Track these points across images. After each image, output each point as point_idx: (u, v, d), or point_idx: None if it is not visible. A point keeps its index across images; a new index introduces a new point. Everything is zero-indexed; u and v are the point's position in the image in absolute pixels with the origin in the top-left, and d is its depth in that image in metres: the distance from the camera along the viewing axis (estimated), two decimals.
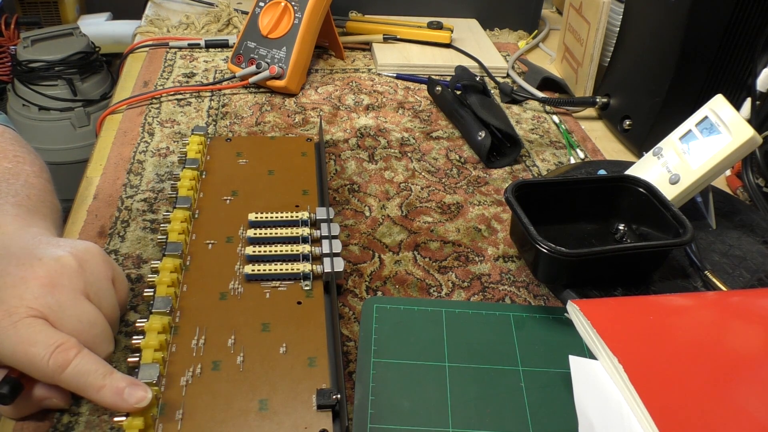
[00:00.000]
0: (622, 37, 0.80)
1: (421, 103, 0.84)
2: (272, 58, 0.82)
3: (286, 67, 0.81)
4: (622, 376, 0.43)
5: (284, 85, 0.81)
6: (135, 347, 0.43)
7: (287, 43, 0.82)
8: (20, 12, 2.07)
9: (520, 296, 0.55)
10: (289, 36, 0.82)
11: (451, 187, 0.68)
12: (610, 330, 0.46)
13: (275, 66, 0.81)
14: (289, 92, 0.83)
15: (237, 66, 0.84)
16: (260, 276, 0.50)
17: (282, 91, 0.83)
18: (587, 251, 0.51)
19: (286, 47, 0.81)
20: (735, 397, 0.42)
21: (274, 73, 0.80)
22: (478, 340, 0.49)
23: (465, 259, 0.58)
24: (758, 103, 0.68)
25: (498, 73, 0.93)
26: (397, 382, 0.46)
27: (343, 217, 0.63)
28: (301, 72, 0.83)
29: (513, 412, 0.44)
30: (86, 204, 0.61)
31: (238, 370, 0.44)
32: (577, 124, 0.82)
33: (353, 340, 0.50)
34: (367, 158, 0.72)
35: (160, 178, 0.65)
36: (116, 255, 0.55)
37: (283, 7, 0.82)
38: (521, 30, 1.07)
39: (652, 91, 0.73)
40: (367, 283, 0.55)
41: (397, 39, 0.97)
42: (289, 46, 0.81)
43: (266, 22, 0.83)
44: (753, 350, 0.46)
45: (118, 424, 0.39)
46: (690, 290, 0.55)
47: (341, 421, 0.41)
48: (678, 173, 0.59)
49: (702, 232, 0.61)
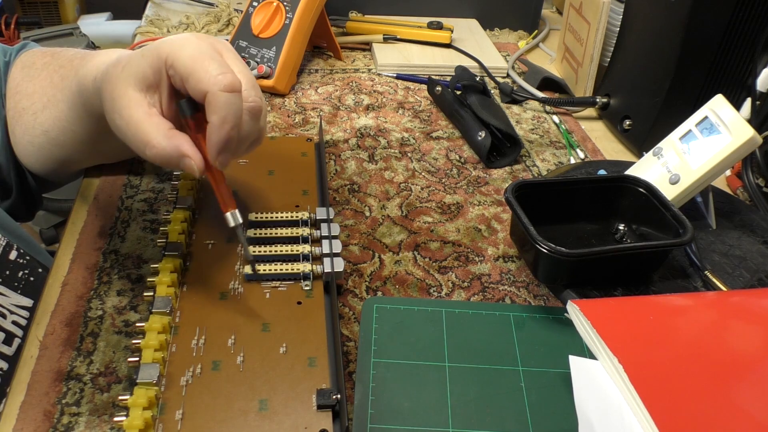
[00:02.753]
0: (622, 37, 0.80)
1: (421, 103, 0.84)
2: (262, 57, 0.82)
3: (275, 66, 0.81)
4: (622, 376, 0.43)
5: (272, 85, 0.81)
6: (135, 347, 0.43)
7: (277, 43, 0.82)
8: (20, 12, 2.07)
9: (520, 296, 0.55)
10: (280, 36, 0.82)
11: (451, 187, 0.68)
12: (610, 330, 0.46)
13: (263, 65, 0.80)
14: (277, 92, 0.83)
15: None
16: (260, 276, 0.50)
17: (270, 90, 0.82)
18: (587, 251, 0.51)
19: (276, 47, 0.81)
20: (735, 397, 0.42)
21: (262, 72, 0.80)
22: (478, 340, 0.49)
23: (465, 259, 0.58)
24: (758, 103, 0.68)
25: (498, 73, 0.93)
26: (397, 382, 0.46)
27: (343, 217, 0.63)
28: (290, 72, 0.83)
29: (513, 412, 0.44)
30: (86, 204, 0.61)
31: (238, 370, 0.44)
32: (577, 124, 0.82)
33: (353, 340, 0.50)
34: (367, 158, 0.72)
35: (160, 178, 0.65)
36: (116, 255, 0.55)
37: (276, 6, 0.82)
38: (521, 30, 1.07)
39: (652, 91, 0.73)
40: (367, 283, 0.55)
41: (397, 39, 0.97)
42: (278, 45, 0.81)
43: (258, 22, 0.83)
44: (753, 350, 0.46)
45: (118, 424, 0.39)
46: (690, 290, 0.55)
47: (341, 421, 0.41)
48: (678, 173, 0.59)
49: (702, 232, 0.61)
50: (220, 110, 0.42)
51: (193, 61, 0.42)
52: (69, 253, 0.55)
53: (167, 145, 0.43)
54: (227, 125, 0.42)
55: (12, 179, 0.63)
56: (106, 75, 0.45)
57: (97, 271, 0.53)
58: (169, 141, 0.43)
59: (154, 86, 0.44)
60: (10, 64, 0.62)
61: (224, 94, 0.42)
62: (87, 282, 0.52)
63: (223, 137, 0.43)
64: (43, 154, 0.60)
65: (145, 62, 0.43)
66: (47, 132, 0.57)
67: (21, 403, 0.43)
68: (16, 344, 0.52)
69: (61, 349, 0.47)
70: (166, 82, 0.44)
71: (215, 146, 0.43)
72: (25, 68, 0.60)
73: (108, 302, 0.51)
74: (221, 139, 0.43)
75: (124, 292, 0.52)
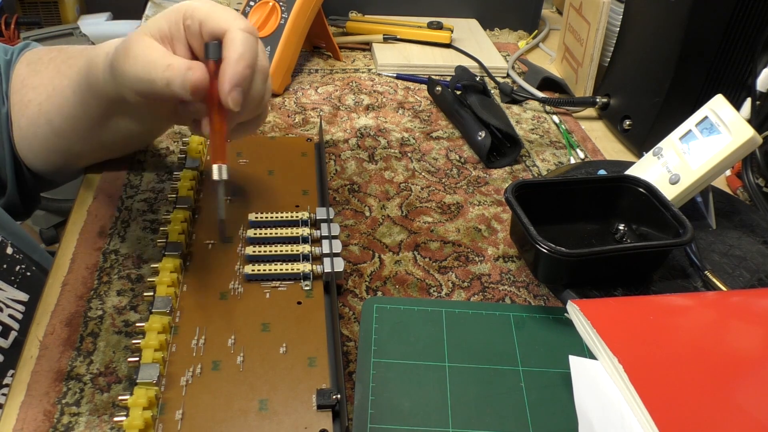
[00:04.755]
0: (622, 37, 0.80)
1: (421, 103, 0.84)
2: None
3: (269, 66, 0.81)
4: (622, 376, 0.43)
5: None
6: (135, 347, 0.43)
7: (272, 43, 0.81)
8: (20, 12, 2.07)
9: (520, 296, 0.55)
10: (274, 36, 0.82)
11: (451, 187, 0.68)
12: (610, 330, 0.46)
13: None
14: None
15: None
16: (260, 276, 0.50)
17: None
18: (587, 251, 0.51)
19: (271, 47, 0.81)
20: (735, 397, 0.42)
21: None
22: (478, 340, 0.49)
23: (465, 259, 0.58)
24: (758, 103, 0.68)
25: (498, 73, 0.93)
26: (397, 382, 0.46)
27: (343, 217, 0.63)
28: (285, 72, 0.83)
29: (513, 412, 0.44)
30: (86, 204, 0.61)
31: (238, 370, 0.44)
32: (577, 124, 0.82)
33: (353, 340, 0.50)
34: (367, 158, 0.72)
35: (160, 178, 0.65)
36: (116, 255, 0.55)
37: (271, 6, 0.82)
38: (521, 30, 1.07)
39: (652, 91, 0.73)
40: (367, 283, 0.55)
41: (397, 39, 0.97)
42: (273, 45, 0.81)
43: (254, 21, 0.83)
44: (753, 350, 0.46)
45: (118, 424, 0.39)
46: (690, 290, 0.55)
47: (341, 421, 0.41)
48: (678, 173, 0.59)
49: (702, 232, 0.61)
50: (238, 46, 0.44)
51: (212, 9, 0.46)
52: (69, 253, 0.55)
53: (186, 63, 0.44)
54: (243, 61, 0.44)
55: (7, 175, 0.63)
56: (122, 43, 0.47)
57: (97, 271, 0.53)
58: (188, 62, 0.45)
59: (169, 39, 0.47)
60: (11, 63, 0.62)
61: (243, 33, 0.45)
62: (87, 282, 0.52)
63: (239, 72, 0.44)
64: (47, 146, 0.60)
65: (162, 18, 0.46)
66: (51, 121, 0.58)
67: (21, 403, 0.43)
68: (12, 337, 0.52)
69: (61, 349, 0.47)
70: (182, 35, 0.47)
71: (229, 80, 0.44)
72: (31, 64, 0.61)
73: (108, 302, 0.51)
74: (236, 74, 0.44)
75: (124, 292, 0.52)
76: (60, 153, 0.61)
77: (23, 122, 0.60)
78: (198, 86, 0.44)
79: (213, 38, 0.46)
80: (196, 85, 0.44)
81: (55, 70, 0.59)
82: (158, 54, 0.45)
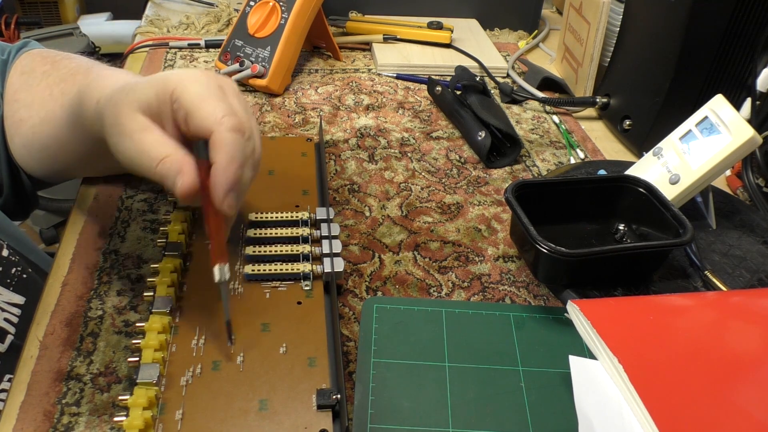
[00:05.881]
0: (622, 37, 0.80)
1: (421, 103, 0.84)
2: (257, 56, 0.82)
3: (269, 66, 0.81)
4: (622, 376, 0.43)
5: (265, 84, 0.81)
6: (135, 347, 0.43)
7: (272, 43, 0.81)
8: (20, 12, 2.08)
9: (520, 296, 0.55)
10: (275, 35, 0.82)
11: (451, 187, 0.68)
12: (610, 330, 0.46)
13: (257, 65, 0.80)
14: (270, 92, 0.82)
15: (224, 63, 0.84)
16: (260, 276, 0.50)
17: (263, 90, 0.82)
18: (587, 251, 0.51)
19: (271, 46, 0.81)
20: (735, 397, 0.42)
21: (256, 71, 0.80)
22: (478, 340, 0.49)
23: (465, 259, 0.58)
24: (758, 103, 0.68)
25: (498, 73, 0.93)
26: (397, 382, 0.46)
27: (343, 217, 0.63)
28: (285, 72, 0.83)
29: (513, 412, 0.44)
30: (86, 204, 0.61)
31: (238, 370, 0.44)
32: (577, 124, 0.82)
33: (353, 340, 0.50)
34: (367, 158, 0.72)
35: None
36: (116, 255, 0.55)
37: (272, 6, 0.82)
38: (521, 30, 1.07)
39: (652, 91, 0.73)
40: (367, 283, 0.55)
41: (397, 39, 0.97)
42: (273, 45, 0.81)
43: (254, 21, 0.83)
44: (753, 350, 0.46)
45: (118, 424, 0.39)
46: (690, 290, 0.55)
47: (341, 421, 0.41)
48: (678, 173, 0.59)
49: (702, 232, 0.61)
50: (227, 150, 0.41)
51: (200, 99, 0.42)
52: (69, 253, 0.55)
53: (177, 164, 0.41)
54: (234, 164, 0.41)
55: (4, 177, 0.62)
56: (111, 100, 0.44)
57: (97, 271, 0.53)
58: (179, 162, 0.41)
59: (157, 116, 0.43)
60: (9, 63, 0.61)
61: (231, 134, 0.41)
62: (87, 282, 0.52)
63: (231, 177, 0.41)
64: (42, 165, 0.59)
65: (151, 90, 0.42)
66: (47, 148, 0.56)
67: (21, 403, 0.43)
68: (8, 341, 0.52)
69: (61, 349, 0.47)
70: (169, 115, 0.43)
71: (222, 187, 0.41)
72: (24, 74, 0.59)
73: (108, 302, 0.51)
74: (228, 179, 0.41)
75: (124, 292, 0.52)
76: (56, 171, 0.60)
77: (17, 140, 0.58)
78: (189, 193, 0.41)
79: (199, 136, 0.42)
80: (186, 193, 0.41)
81: (48, 91, 0.56)
82: (151, 141, 0.42)
